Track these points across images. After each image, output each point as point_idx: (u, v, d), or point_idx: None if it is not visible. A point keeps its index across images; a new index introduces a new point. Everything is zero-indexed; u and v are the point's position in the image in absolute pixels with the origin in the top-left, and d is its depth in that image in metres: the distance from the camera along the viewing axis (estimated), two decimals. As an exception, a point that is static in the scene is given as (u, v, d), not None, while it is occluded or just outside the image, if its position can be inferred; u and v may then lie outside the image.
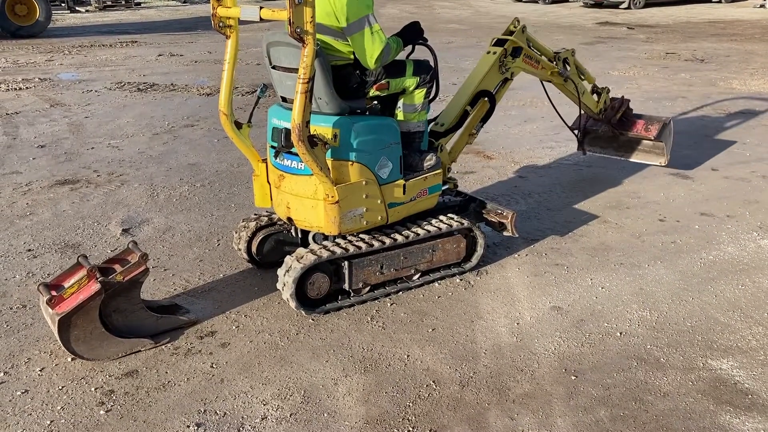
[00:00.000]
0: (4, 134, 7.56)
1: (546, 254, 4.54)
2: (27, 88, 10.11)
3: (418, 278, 4.09)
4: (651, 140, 5.80)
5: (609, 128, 5.96)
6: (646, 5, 22.98)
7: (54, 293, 3.29)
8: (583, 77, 5.50)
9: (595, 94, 5.75)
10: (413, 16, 20.93)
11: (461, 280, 4.18)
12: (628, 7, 22.41)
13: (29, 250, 4.59)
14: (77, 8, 23.38)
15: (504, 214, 4.38)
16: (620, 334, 3.60)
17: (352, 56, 3.63)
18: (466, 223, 4.15)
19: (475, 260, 4.27)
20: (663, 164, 5.84)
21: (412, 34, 3.94)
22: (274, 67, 3.73)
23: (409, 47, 4.06)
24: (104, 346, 3.32)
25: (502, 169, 6.34)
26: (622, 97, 5.99)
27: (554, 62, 5.16)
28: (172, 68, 11.97)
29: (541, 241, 4.74)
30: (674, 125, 6.06)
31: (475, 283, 4.15)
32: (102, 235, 4.85)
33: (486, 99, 4.55)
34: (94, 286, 3.24)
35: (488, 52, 4.64)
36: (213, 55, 13.37)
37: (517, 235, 4.42)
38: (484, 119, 4.62)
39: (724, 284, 4.12)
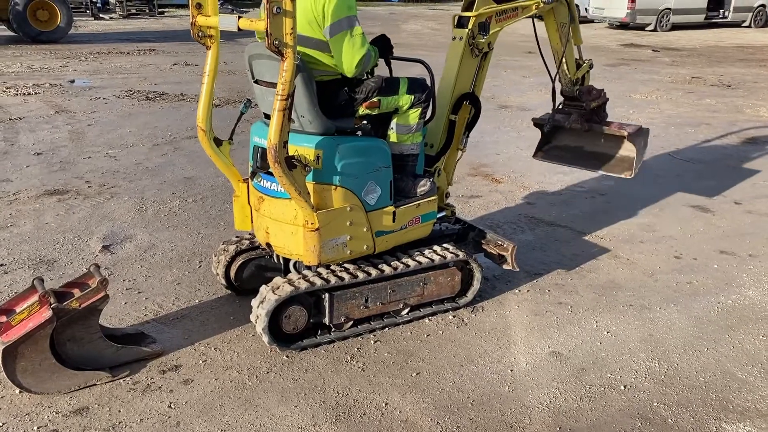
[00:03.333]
0: (2, 140, 7.39)
1: (549, 291, 4.20)
2: (36, 93, 9.99)
3: (407, 313, 3.77)
4: (624, 137, 4.88)
5: (579, 119, 5.00)
6: (673, 28, 22.54)
7: (3, 319, 3.03)
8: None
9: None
10: (436, 33, 20.72)
11: (454, 317, 3.85)
12: (655, 30, 21.98)
13: (1, 266, 4.35)
14: (101, 15, 23.52)
15: (504, 245, 4.06)
16: (624, 387, 3.24)
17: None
18: (461, 254, 3.83)
19: (470, 295, 3.95)
20: (629, 177, 4.94)
21: (384, 46, 3.63)
22: (256, 82, 3.46)
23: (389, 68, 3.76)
24: (54, 379, 3.05)
25: (510, 194, 6.01)
26: (602, 89, 5.15)
27: None
28: (185, 77, 11.82)
29: (545, 275, 4.40)
30: (694, 153, 5.66)
31: (470, 321, 3.82)
32: (80, 251, 4.60)
33: (467, 102, 4.02)
34: (46, 314, 2.97)
35: (454, 38, 4.00)
36: (228, 65, 13.17)
37: (517, 269, 4.09)
38: (469, 127, 4.09)
39: (743, 334, 3.75)
